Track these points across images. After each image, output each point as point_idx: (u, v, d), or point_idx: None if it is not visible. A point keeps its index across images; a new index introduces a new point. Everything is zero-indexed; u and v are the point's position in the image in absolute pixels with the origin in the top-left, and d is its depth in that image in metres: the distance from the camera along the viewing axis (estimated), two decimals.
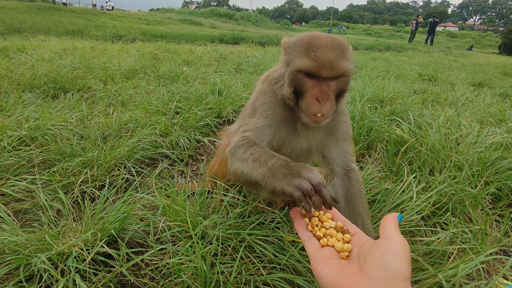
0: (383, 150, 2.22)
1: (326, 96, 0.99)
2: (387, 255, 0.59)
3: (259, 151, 1.01)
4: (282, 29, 35.73)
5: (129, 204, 1.33)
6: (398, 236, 0.63)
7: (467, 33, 58.34)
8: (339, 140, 1.23)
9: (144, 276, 1.14)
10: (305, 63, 0.98)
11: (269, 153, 0.99)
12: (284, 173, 0.87)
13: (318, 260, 0.68)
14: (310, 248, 0.73)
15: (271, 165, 0.92)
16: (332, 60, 0.96)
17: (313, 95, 1.00)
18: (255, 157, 0.99)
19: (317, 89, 1.00)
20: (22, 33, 9.26)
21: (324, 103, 0.99)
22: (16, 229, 1.18)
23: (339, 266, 0.65)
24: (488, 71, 7.76)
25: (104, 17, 19.84)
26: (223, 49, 7.69)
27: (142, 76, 3.94)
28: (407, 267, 0.57)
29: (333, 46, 0.98)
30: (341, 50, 0.99)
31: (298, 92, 1.04)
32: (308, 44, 0.99)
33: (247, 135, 1.14)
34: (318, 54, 0.96)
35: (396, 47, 14.54)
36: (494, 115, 2.98)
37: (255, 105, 1.20)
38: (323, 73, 0.98)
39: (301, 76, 1.01)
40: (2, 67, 3.54)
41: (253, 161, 0.98)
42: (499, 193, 1.72)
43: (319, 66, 0.97)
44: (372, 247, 0.64)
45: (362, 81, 4.30)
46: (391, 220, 0.68)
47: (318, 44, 0.98)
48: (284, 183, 0.85)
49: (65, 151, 1.77)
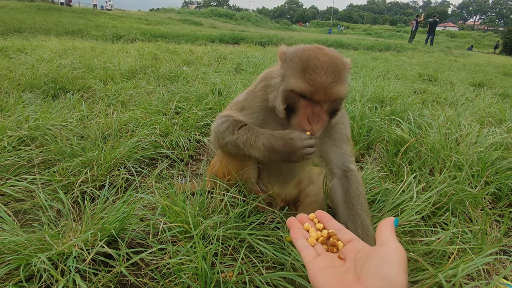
0: (383, 150, 2.22)
1: (318, 117, 1.00)
2: (384, 263, 0.59)
3: (243, 134, 1.14)
4: (282, 29, 35.76)
5: (129, 204, 1.33)
6: (395, 243, 0.63)
7: (467, 33, 58.36)
8: (337, 141, 1.24)
9: (144, 276, 1.14)
10: (299, 85, 0.97)
11: (253, 132, 1.13)
12: (284, 151, 1.05)
13: (315, 268, 0.68)
14: (306, 257, 0.73)
15: (268, 134, 1.10)
16: (327, 86, 0.95)
17: (305, 115, 1.01)
18: (243, 140, 1.13)
19: (309, 110, 1.01)
20: (22, 33, 9.26)
21: (315, 124, 1.01)
22: (16, 229, 1.18)
23: (336, 275, 0.64)
24: (488, 71, 7.76)
25: (104, 17, 19.84)
26: (223, 49, 7.69)
27: (142, 76, 3.94)
28: (404, 275, 0.57)
29: (329, 68, 0.96)
30: (337, 73, 0.97)
31: (290, 108, 1.06)
32: (305, 64, 0.97)
33: (231, 114, 1.22)
34: (313, 78, 0.95)
35: (396, 47, 14.54)
36: (494, 115, 2.98)
37: (244, 103, 1.24)
38: (316, 98, 0.98)
39: (294, 95, 1.01)
40: (2, 67, 3.54)
41: (244, 144, 1.13)
42: (499, 193, 1.72)
43: (313, 91, 0.96)
44: (368, 255, 0.64)
45: (362, 81, 4.31)
46: (388, 225, 0.68)
47: (315, 66, 0.96)
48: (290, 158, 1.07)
49: (65, 151, 1.77)
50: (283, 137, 1.06)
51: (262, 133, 1.11)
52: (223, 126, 1.18)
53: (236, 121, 1.18)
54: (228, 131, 1.16)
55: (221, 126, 1.19)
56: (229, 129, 1.16)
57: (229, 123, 1.18)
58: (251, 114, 1.21)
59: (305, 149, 1.02)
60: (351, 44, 14.53)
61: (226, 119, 1.20)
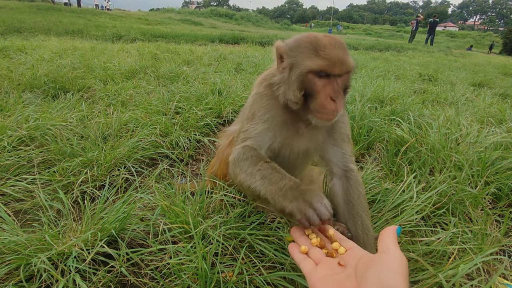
0: (383, 150, 2.22)
1: (339, 93, 1.01)
2: (384, 271, 0.59)
3: (267, 168, 1.02)
4: (282, 29, 35.74)
5: (129, 204, 1.33)
6: (396, 251, 0.63)
7: (467, 33, 58.38)
8: (337, 141, 1.23)
9: (144, 276, 1.14)
10: (318, 63, 0.98)
11: (277, 170, 1.01)
12: (295, 196, 0.89)
13: (315, 278, 0.68)
14: (306, 268, 0.73)
15: (282, 185, 0.93)
16: (342, 57, 0.98)
17: (327, 95, 1.00)
18: (263, 174, 1.00)
19: (329, 88, 1.01)
20: (22, 33, 9.26)
21: (338, 101, 1.00)
22: (16, 229, 1.18)
23: (337, 283, 0.64)
24: (488, 71, 7.75)
25: (104, 17, 19.84)
26: (223, 49, 7.69)
27: (142, 76, 3.94)
28: (405, 282, 0.57)
29: (337, 44, 1.00)
30: (344, 48, 1.02)
31: (307, 94, 1.04)
32: (315, 44, 1.00)
33: (249, 144, 1.13)
34: (328, 53, 0.98)
35: (396, 47, 14.54)
36: (494, 115, 2.98)
37: (253, 109, 1.19)
38: (336, 70, 0.99)
39: (311, 77, 1.01)
40: (2, 67, 3.54)
41: (262, 178, 0.99)
42: (499, 193, 1.72)
43: (332, 64, 0.98)
44: (369, 263, 0.64)
45: (362, 81, 4.30)
46: (390, 233, 0.68)
47: (324, 44, 0.99)
48: (293, 207, 0.87)
49: (65, 151, 1.77)
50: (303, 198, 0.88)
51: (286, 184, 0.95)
52: (245, 156, 1.09)
53: (253, 157, 1.08)
54: (249, 162, 1.07)
55: (242, 155, 1.09)
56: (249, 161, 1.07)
57: (245, 156, 1.08)
58: (265, 115, 1.16)
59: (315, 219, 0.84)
60: (351, 44, 14.53)
61: (243, 151, 1.10)
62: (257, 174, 1.01)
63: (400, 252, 0.63)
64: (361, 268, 0.64)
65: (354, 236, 1.15)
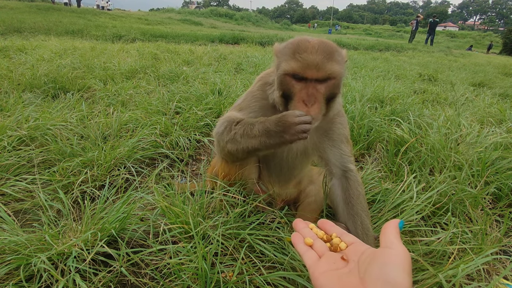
0: (383, 150, 2.22)
1: (313, 99, 0.99)
2: (388, 266, 0.58)
3: (240, 127, 1.10)
4: (282, 29, 35.74)
5: (129, 204, 1.33)
6: (399, 245, 0.62)
7: (467, 33, 58.40)
8: (335, 141, 1.24)
9: (144, 276, 1.14)
10: (291, 65, 0.99)
11: (249, 122, 1.09)
12: (276, 131, 1.01)
13: (318, 272, 0.67)
14: (308, 260, 0.72)
15: (260, 132, 1.05)
16: (318, 62, 0.96)
17: (300, 98, 1.01)
18: (240, 133, 1.09)
19: (304, 92, 1.00)
20: (22, 33, 9.26)
21: (311, 106, 0.99)
22: (16, 229, 1.18)
23: (340, 278, 0.64)
24: (488, 71, 7.75)
25: (104, 17, 19.84)
26: (223, 49, 7.69)
27: (142, 76, 3.94)
28: (408, 278, 0.56)
29: (320, 48, 0.98)
30: (328, 53, 0.98)
31: (287, 96, 1.05)
32: (295, 47, 1.00)
33: (229, 114, 1.21)
34: (304, 56, 0.97)
35: (396, 47, 14.54)
36: (494, 115, 2.98)
37: (242, 106, 1.24)
38: (308, 74, 0.98)
39: (289, 79, 1.02)
40: (2, 67, 3.54)
41: (241, 136, 1.08)
42: (499, 193, 1.72)
43: (304, 67, 0.97)
44: (372, 258, 0.63)
45: (362, 81, 4.31)
46: (392, 228, 0.67)
47: (305, 47, 0.99)
48: (281, 139, 1.01)
49: (65, 151, 1.77)
50: (276, 117, 1.03)
51: (257, 121, 1.09)
52: (222, 127, 1.18)
53: (233, 119, 1.17)
54: (227, 130, 1.15)
55: (220, 127, 1.19)
56: (227, 128, 1.16)
57: (226, 122, 1.17)
58: (249, 114, 1.21)
59: (300, 126, 0.97)
60: (351, 44, 14.52)
61: (224, 120, 1.20)
62: (237, 136, 1.10)
63: (403, 246, 0.62)
64: (364, 263, 0.64)
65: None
